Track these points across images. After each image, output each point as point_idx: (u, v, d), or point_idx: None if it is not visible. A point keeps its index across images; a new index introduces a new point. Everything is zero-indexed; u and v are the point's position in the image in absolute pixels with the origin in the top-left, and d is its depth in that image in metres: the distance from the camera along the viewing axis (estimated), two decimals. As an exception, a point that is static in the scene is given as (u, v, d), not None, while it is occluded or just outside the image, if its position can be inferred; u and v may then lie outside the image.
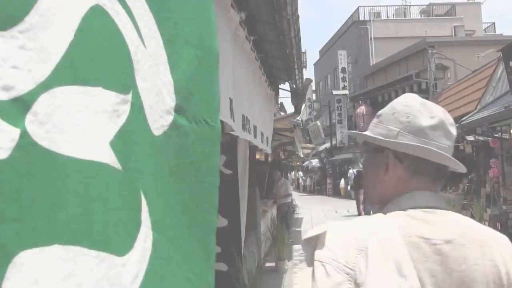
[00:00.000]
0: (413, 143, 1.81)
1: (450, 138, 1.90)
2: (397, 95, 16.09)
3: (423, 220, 1.73)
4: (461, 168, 1.92)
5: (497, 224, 17.40)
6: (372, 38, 45.03)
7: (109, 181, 1.49)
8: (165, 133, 1.75)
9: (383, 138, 1.87)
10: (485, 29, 48.76)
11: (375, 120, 2.01)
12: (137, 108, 1.63)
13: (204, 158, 1.87)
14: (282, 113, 14.98)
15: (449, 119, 1.93)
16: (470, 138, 20.62)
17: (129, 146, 1.58)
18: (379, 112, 2.02)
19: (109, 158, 1.50)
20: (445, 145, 1.85)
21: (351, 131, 4.16)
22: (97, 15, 1.50)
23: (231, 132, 4.25)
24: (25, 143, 1.27)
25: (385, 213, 1.81)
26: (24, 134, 1.27)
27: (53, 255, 1.31)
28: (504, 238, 1.90)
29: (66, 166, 1.37)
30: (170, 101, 1.79)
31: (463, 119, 19.16)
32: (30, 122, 1.29)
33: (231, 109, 3.83)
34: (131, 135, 1.58)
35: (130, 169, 1.56)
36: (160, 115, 1.75)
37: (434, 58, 31.85)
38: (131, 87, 1.61)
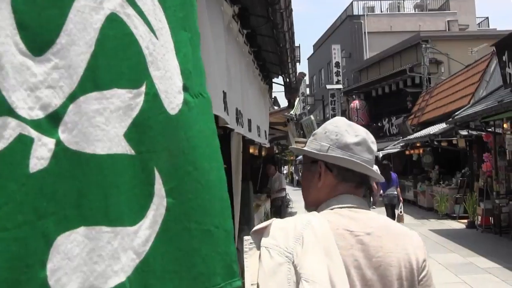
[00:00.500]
0: (341, 156, 2.24)
1: (371, 153, 2.33)
2: (390, 90, 16.25)
3: (348, 216, 2.18)
4: (380, 178, 2.42)
5: (490, 218, 17.47)
6: (366, 33, 45.07)
7: (123, 167, 1.73)
8: (180, 110, 1.96)
9: (317, 152, 2.29)
10: (478, 23, 48.82)
11: (311, 138, 2.41)
12: (151, 96, 1.83)
13: (207, 125, 2.12)
14: (276, 107, 14.97)
15: (370, 137, 2.36)
16: (464, 132, 20.67)
17: (143, 132, 1.80)
18: (314, 131, 2.45)
19: (123, 148, 1.73)
20: (367, 158, 2.29)
21: (292, 146, 4.41)
22: (112, 23, 1.67)
23: (226, 125, 4.25)
24: (59, 150, 1.50)
25: (318, 211, 2.23)
26: (59, 143, 1.50)
27: (80, 235, 1.58)
28: (413, 233, 2.42)
29: (89, 162, 1.60)
30: (179, 82, 1.99)
31: (456, 113, 19.19)
32: (62, 131, 1.51)
33: (224, 102, 3.85)
34: (145, 121, 1.80)
35: (143, 152, 1.80)
36: (174, 96, 1.94)
37: (427, 53, 31.91)
38: (144, 79, 1.81)
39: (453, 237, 16.84)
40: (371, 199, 19.09)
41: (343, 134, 2.30)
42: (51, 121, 1.48)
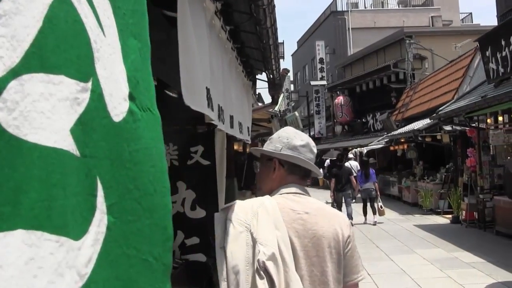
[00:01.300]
0: (291, 154, 3.04)
1: (313, 154, 3.13)
2: (375, 85, 16.30)
3: (292, 200, 2.95)
4: (319, 173, 3.35)
5: (474, 213, 17.55)
6: (350, 29, 45.20)
7: (69, 167, 1.55)
8: (124, 119, 1.83)
9: (273, 151, 3.07)
10: (462, 19, 49.04)
11: (268, 141, 3.19)
12: (96, 95, 1.68)
13: (154, 144, 2.00)
14: (260, 104, 14.94)
15: (312, 142, 3.17)
16: (448, 128, 20.75)
17: (88, 133, 1.64)
18: (271, 137, 3.23)
19: (69, 145, 1.55)
20: (310, 157, 3.09)
21: (253, 148, 4.64)
22: (61, 4, 1.53)
23: (211, 122, 4.24)
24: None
25: (271, 196, 3.01)
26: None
27: (17, 239, 1.34)
28: (343, 215, 3.16)
29: (31, 152, 1.40)
30: (125, 88, 1.87)
31: (440, 109, 19.27)
32: (0, 109, 1.31)
33: (208, 98, 3.83)
34: (90, 122, 1.65)
35: (87, 156, 1.63)
36: (119, 102, 1.81)
37: (411, 48, 32.03)
38: (91, 75, 1.67)
39: (438, 232, 16.90)
40: (351, 194, 20.13)
41: (292, 139, 3.11)
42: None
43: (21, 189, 1.38)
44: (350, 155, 27.24)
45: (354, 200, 21.32)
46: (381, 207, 19.89)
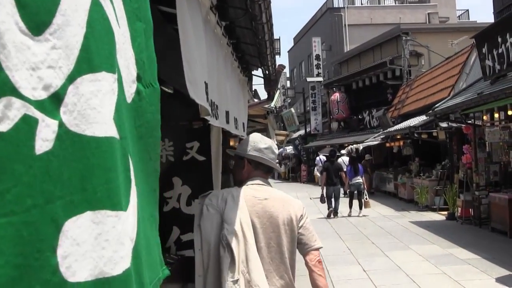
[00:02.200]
0: (256, 155, 4.02)
1: (274, 154, 4.11)
2: (371, 82, 16.36)
3: (255, 189, 3.90)
4: (278, 169, 4.40)
5: (470, 209, 17.57)
6: (347, 25, 45.18)
7: (116, 151, 1.80)
8: (133, 100, 2.08)
9: (243, 152, 4.07)
10: (459, 16, 49.15)
11: (239, 144, 4.28)
12: (120, 83, 1.90)
13: (153, 116, 2.25)
14: (256, 100, 14.93)
15: (274, 145, 4.15)
16: (444, 124, 20.75)
17: (120, 118, 1.87)
18: (242, 140, 4.25)
19: (114, 131, 1.79)
20: (271, 157, 4.06)
21: (229, 149, 4.98)
22: (96, 6, 1.72)
23: (205, 117, 4.23)
24: (62, 132, 1.51)
25: (240, 187, 3.95)
26: (61, 124, 1.50)
27: (87, 220, 1.60)
28: (297, 201, 4.06)
29: (90, 144, 1.64)
30: (134, 72, 2.09)
31: (436, 105, 19.27)
32: (63, 113, 1.52)
33: (206, 93, 3.86)
34: (119, 107, 1.86)
35: (122, 137, 1.87)
36: (130, 85, 2.04)
37: (408, 45, 32.04)
38: (116, 65, 1.88)
39: (433, 229, 16.93)
40: (342, 188, 22.15)
41: (258, 143, 4.10)
42: (53, 102, 1.48)
43: (85, 177, 1.61)
44: (343, 151, 27.41)
45: (346, 195, 23.05)
46: (367, 199, 21.96)
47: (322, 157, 32.90)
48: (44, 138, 1.45)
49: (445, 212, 19.87)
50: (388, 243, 14.82)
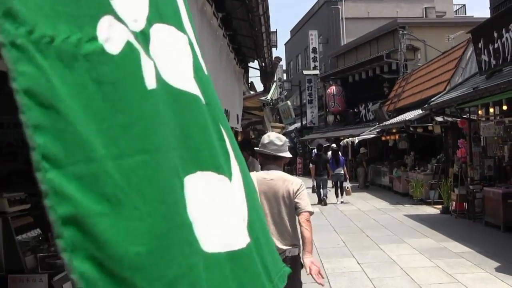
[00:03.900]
0: (260, 149, 5.73)
1: (276, 145, 5.61)
2: (367, 76, 16.43)
3: (265, 172, 5.60)
4: (284, 155, 5.74)
5: (464, 203, 17.62)
6: (343, 18, 45.10)
7: (204, 112, 1.72)
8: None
9: (257, 148, 5.94)
10: (455, 11, 49.05)
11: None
12: (192, 48, 1.84)
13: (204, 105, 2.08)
14: (252, 92, 14.96)
15: (275, 139, 5.63)
16: (439, 119, 20.78)
17: (200, 80, 1.79)
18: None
19: (198, 91, 1.71)
20: (273, 148, 5.61)
21: (258, 149, 5.68)
22: None
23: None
24: (157, 75, 1.43)
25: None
26: (155, 67, 1.43)
27: (200, 181, 1.56)
28: (296, 179, 5.67)
29: (180, 97, 1.56)
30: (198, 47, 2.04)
31: (432, 100, 19.29)
32: (153, 54, 1.44)
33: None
34: (198, 71, 1.80)
35: (207, 103, 1.78)
36: (201, 58, 1.98)
37: (404, 39, 32.04)
38: (184, 29, 1.82)
39: (428, 222, 16.97)
40: (328, 178, 23.68)
41: (263, 139, 5.73)
42: (144, 39, 1.41)
43: (186, 133, 1.56)
44: (333, 145, 27.70)
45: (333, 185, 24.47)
46: (348, 188, 24.29)
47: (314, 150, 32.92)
48: (149, 73, 1.38)
49: (440, 206, 19.90)
50: (382, 236, 14.85)
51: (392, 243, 13.84)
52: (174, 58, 1.58)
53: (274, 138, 5.66)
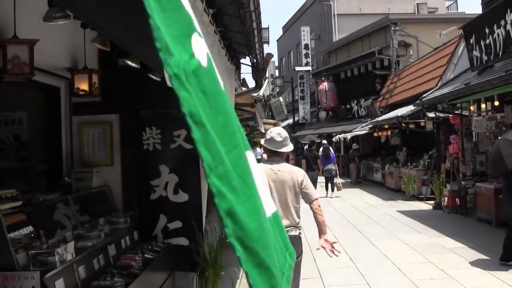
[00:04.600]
0: (263, 144, 6.67)
1: (277, 140, 6.45)
2: (359, 72, 16.49)
3: (272, 165, 6.41)
4: (284, 149, 6.54)
5: (456, 199, 17.66)
6: (336, 15, 45.13)
7: (225, 96, 1.90)
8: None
9: (262, 143, 6.86)
10: (447, 7, 49.08)
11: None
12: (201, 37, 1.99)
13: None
14: (244, 88, 14.93)
15: (276, 136, 6.47)
16: (431, 114, 20.83)
17: (212, 67, 1.94)
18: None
19: (218, 76, 1.89)
20: (273, 143, 6.47)
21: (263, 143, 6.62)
22: None
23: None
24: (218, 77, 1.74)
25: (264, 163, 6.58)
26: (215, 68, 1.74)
27: (250, 157, 1.90)
28: (300, 170, 6.71)
29: (214, 80, 1.74)
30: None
31: (424, 95, 19.33)
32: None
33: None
34: (209, 60, 1.91)
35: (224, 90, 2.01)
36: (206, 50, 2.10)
37: (396, 35, 32.09)
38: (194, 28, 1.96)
39: (420, 218, 17.01)
40: (319, 173, 24.69)
41: (267, 136, 6.61)
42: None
43: (227, 120, 1.74)
44: (324, 141, 28.06)
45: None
46: (339, 183, 24.96)
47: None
48: (219, 77, 1.68)
49: (432, 202, 19.97)
50: (375, 232, 14.88)
51: (385, 239, 13.87)
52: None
53: (275, 134, 6.50)
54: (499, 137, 12.54)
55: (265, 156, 7.26)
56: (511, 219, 10.73)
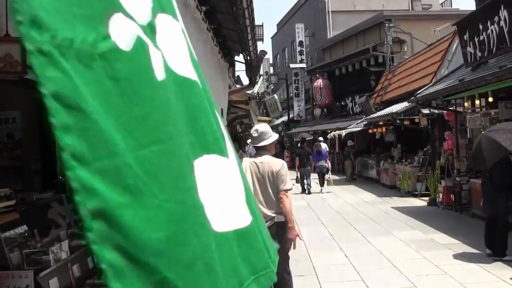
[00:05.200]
0: (249, 140, 10.12)
1: (253, 137, 7.12)
2: (354, 69, 16.57)
3: (256, 158, 7.10)
4: (265, 142, 7.10)
5: (451, 195, 17.68)
6: (330, 12, 45.05)
7: (203, 98, 1.79)
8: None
9: (249, 141, 11.70)
10: (441, 3, 49.08)
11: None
12: (185, 36, 1.91)
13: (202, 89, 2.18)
14: (238, 86, 14.94)
15: (259, 129, 7.11)
16: (426, 111, 20.83)
17: (196, 68, 1.86)
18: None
19: (196, 77, 1.77)
20: (253, 139, 7.16)
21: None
22: None
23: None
24: (165, 65, 1.50)
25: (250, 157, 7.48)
26: (163, 57, 1.50)
27: (205, 162, 1.62)
28: (279, 161, 7.15)
29: (185, 84, 1.62)
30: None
31: (418, 92, 19.34)
32: (159, 44, 1.50)
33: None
34: (193, 58, 1.87)
35: (203, 89, 1.85)
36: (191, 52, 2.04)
37: (391, 32, 32.06)
38: (178, 18, 1.90)
39: (415, 214, 17.03)
40: (310, 168, 25.74)
41: (251, 134, 7.28)
42: (151, 31, 1.47)
43: (193, 117, 1.62)
44: (320, 138, 28.71)
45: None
46: (329, 178, 26.16)
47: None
48: (157, 65, 1.44)
49: (427, 198, 19.99)
50: (370, 229, 14.89)
51: (380, 235, 13.89)
52: (176, 46, 1.64)
53: (252, 131, 7.23)
54: (482, 132, 12.64)
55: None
56: (495, 216, 10.87)
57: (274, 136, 7.29)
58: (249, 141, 7.77)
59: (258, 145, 7.12)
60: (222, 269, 1.55)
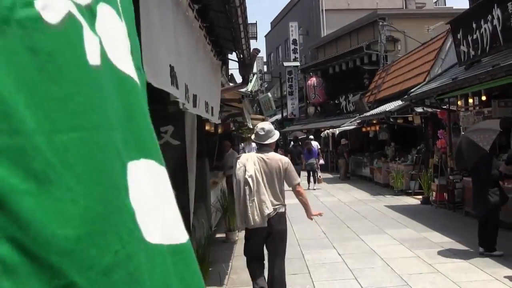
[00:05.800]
0: (253, 138, 8.05)
1: (261, 133, 7.68)
2: (347, 67, 16.55)
3: (262, 153, 7.59)
4: (269, 140, 7.79)
5: (444, 193, 17.71)
6: (324, 10, 45.09)
7: (143, 98, 1.62)
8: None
9: (252, 137, 8.34)
10: (435, 2, 49.19)
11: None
12: (130, 36, 1.72)
13: (143, 95, 1.89)
14: (231, 84, 14.91)
15: (261, 128, 7.78)
16: (419, 109, 20.87)
17: (138, 71, 1.67)
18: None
19: (136, 77, 1.59)
20: (258, 137, 7.71)
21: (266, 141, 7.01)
22: None
23: (176, 99, 4.19)
24: (103, 53, 1.33)
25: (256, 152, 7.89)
26: (101, 44, 1.32)
27: (143, 169, 1.42)
28: (285, 158, 7.91)
29: (124, 80, 1.45)
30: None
31: (412, 90, 19.36)
32: (99, 32, 1.34)
33: (172, 76, 3.78)
34: (136, 60, 1.68)
35: (141, 90, 1.67)
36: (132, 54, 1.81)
37: (384, 30, 32.10)
38: (120, 13, 1.70)
39: (408, 213, 17.05)
40: (302, 166, 27.07)
41: (254, 131, 7.89)
42: (91, 16, 1.31)
43: (130, 116, 1.45)
44: (311, 137, 29.40)
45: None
46: (320, 176, 27.63)
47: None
48: (92, 50, 1.27)
49: (420, 196, 20.01)
50: (363, 227, 14.90)
51: (373, 233, 13.89)
52: (118, 41, 1.50)
53: (259, 129, 7.74)
54: (463, 133, 12.75)
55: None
56: (487, 214, 10.98)
57: (277, 134, 8.01)
58: (253, 136, 8.20)
59: (265, 142, 7.67)
60: (151, 283, 1.37)
